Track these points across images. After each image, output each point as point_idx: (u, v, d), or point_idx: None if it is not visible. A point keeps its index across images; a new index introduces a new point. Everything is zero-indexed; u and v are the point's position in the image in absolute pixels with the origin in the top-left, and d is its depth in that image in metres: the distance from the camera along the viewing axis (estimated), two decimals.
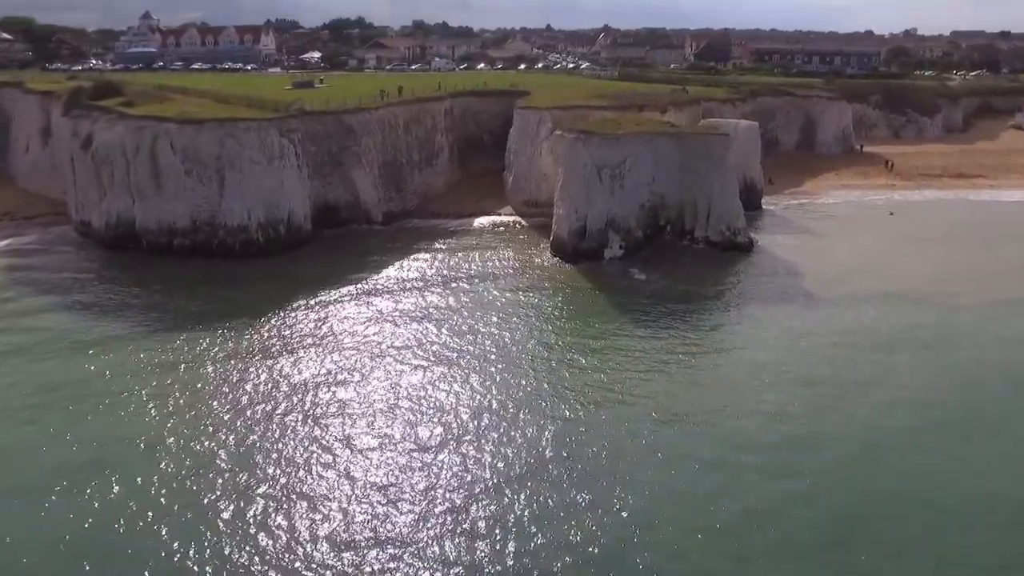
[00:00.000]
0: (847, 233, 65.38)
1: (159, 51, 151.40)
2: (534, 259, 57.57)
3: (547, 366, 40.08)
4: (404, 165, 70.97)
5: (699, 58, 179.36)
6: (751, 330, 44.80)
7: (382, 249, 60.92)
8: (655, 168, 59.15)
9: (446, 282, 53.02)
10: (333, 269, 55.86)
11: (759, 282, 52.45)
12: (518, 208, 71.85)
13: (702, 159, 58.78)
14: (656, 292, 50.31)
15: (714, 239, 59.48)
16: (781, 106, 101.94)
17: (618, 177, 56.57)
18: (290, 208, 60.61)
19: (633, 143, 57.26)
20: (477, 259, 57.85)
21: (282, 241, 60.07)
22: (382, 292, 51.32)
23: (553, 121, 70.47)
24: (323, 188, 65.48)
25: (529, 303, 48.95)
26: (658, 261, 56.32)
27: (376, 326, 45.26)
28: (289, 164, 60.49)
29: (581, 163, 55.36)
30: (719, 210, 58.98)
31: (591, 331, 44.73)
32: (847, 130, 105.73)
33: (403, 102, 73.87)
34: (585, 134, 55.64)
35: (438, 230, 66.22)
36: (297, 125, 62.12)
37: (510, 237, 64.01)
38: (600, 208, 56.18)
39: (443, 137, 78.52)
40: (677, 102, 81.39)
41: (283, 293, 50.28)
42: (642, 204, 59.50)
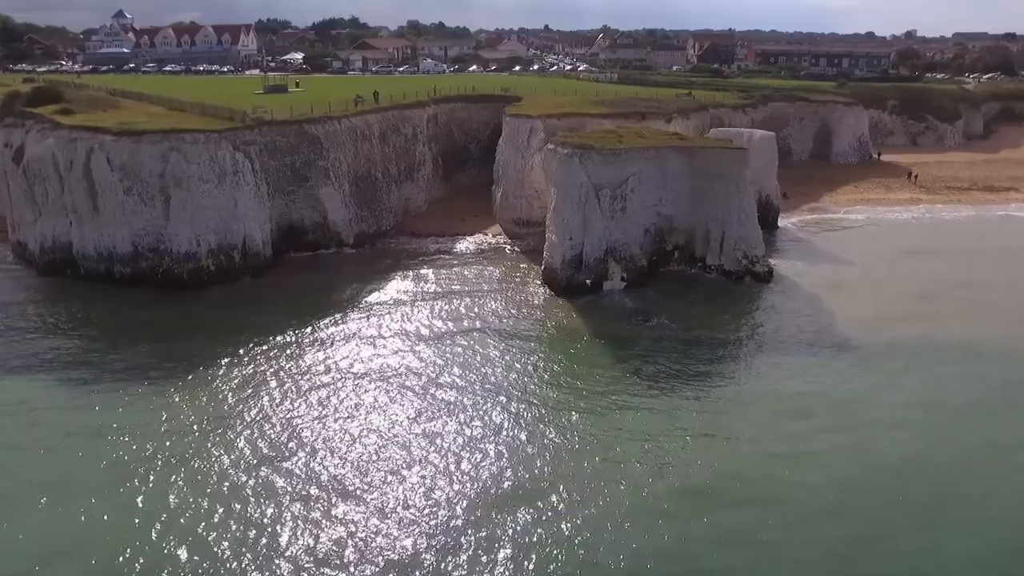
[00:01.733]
0: (877, 259, 57.90)
1: (132, 52, 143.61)
2: (523, 292, 50.10)
3: (534, 436, 32.98)
4: (379, 180, 63.48)
5: (702, 60, 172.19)
6: (773, 387, 37.49)
7: (350, 278, 53.43)
8: (662, 187, 51.73)
9: (420, 323, 45.56)
10: (292, 303, 48.56)
11: (781, 324, 44.95)
12: (507, 228, 64.42)
13: (716, 177, 51.37)
14: (662, 337, 42.86)
15: (729, 268, 52.08)
16: (794, 112, 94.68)
17: (619, 199, 49.14)
18: (245, 232, 53.12)
19: (637, 159, 49.83)
20: (457, 291, 50.38)
21: (237, 269, 52.63)
22: (343, 336, 43.82)
23: (546, 130, 63.10)
24: (286, 208, 58.00)
25: (514, 352, 41.48)
26: (665, 296, 48.91)
27: (327, 387, 37.76)
28: (244, 181, 53.00)
29: (577, 183, 47.94)
30: (735, 235, 51.59)
31: (586, 388, 37.41)
32: (863, 138, 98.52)
33: (379, 109, 66.41)
34: (582, 149, 48.20)
35: (416, 254, 58.69)
36: (254, 137, 54.62)
37: (497, 263, 56.54)
38: (598, 234, 48.76)
39: (425, 148, 71.06)
40: (683, 109, 74.00)
41: (232, 334, 43.18)
42: (647, 228, 52.07)
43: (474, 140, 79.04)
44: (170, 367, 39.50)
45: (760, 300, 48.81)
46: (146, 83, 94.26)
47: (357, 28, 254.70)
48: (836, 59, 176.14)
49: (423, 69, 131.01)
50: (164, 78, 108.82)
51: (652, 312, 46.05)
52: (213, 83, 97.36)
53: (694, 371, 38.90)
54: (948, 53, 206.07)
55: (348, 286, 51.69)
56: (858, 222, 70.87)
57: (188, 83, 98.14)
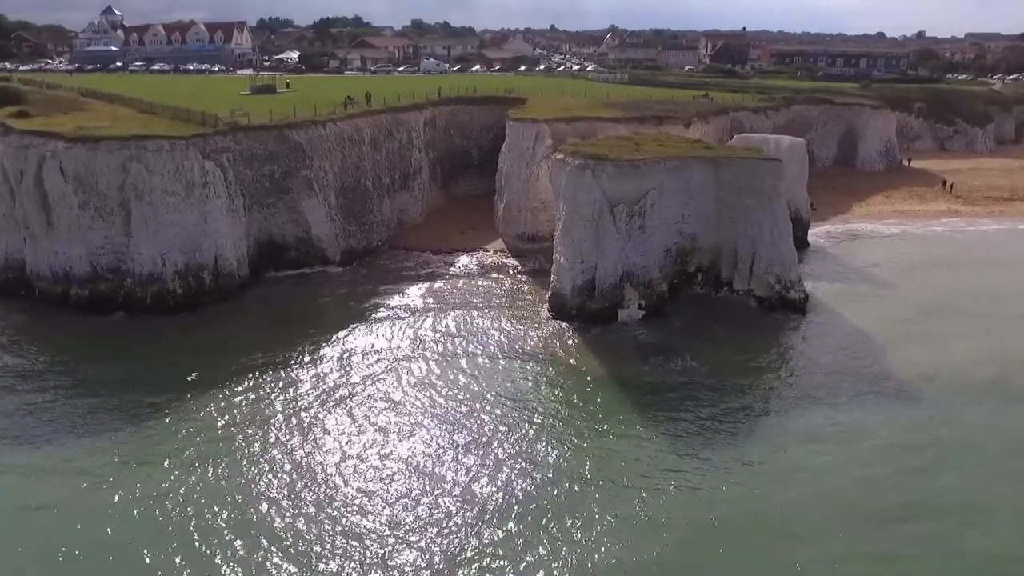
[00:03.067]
0: (923, 282, 51.86)
1: (120, 50, 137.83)
2: (528, 321, 44.23)
3: (535, 500, 27.45)
4: (370, 190, 57.71)
5: (714, 60, 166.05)
6: (813, 448, 31.72)
7: (334, 303, 47.82)
8: (685, 203, 45.88)
9: (408, 357, 39.85)
10: (267, 332, 43.13)
11: (821, 365, 38.88)
12: (511, 243, 58.61)
13: (746, 191, 45.49)
14: (686, 384, 36.72)
15: (760, 293, 46.20)
16: (818, 116, 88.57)
17: (638, 216, 43.29)
18: (217, 250, 47.44)
19: (657, 171, 43.97)
20: (453, 319, 44.59)
21: (207, 292, 47.02)
22: (322, 373, 38.24)
23: (553, 136, 57.30)
24: (265, 222, 52.31)
25: (515, 395, 35.71)
26: (688, 328, 43.02)
27: (303, 428, 32.64)
28: (215, 194, 47.31)
29: (589, 198, 42.09)
30: (767, 256, 45.69)
31: (596, 444, 31.83)
32: (891, 143, 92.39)
33: (372, 112, 60.64)
34: (595, 160, 42.31)
35: (409, 274, 52.87)
36: (228, 144, 48.91)
37: (499, 286, 50.67)
38: (614, 257, 42.91)
39: (421, 154, 65.26)
40: (703, 113, 68.08)
41: (200, 369, 38.03)
42: (667, 249, 46.22)
43: (475, 145, 73.25)
44: (129, 407, 34.61)
45: (797, 336, 42.81)
46: (128, 83, 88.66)
47: (360, 27, 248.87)
48: (853, 59, 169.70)
49: (424, 69, 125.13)
50: (150, 78, 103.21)
51: (673, 349, 40.14)
52: (199, 83, 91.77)
53: (725, 432, 32.80)
54: (968, 53, 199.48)
55: (331, 313, 46.21)
56: (893, 236, 64.89)
57: (173, 83, 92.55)
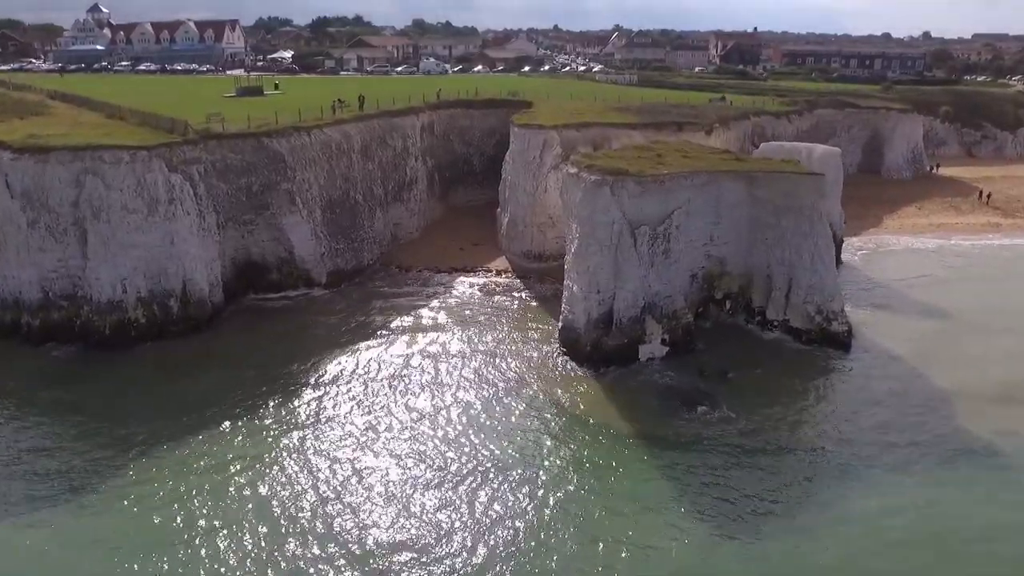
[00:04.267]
0: (972, 306, 46.25)
1: (107, 49, 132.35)
2: (534, 360, 38.81)
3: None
4: (360, 204, 52.34)
5: (724, 61, 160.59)
6: (884, 538, 26.40)
7: (318, 333, 42.49)
8: (714, 223, 40.53)
9: (392, 403, 34.54)
10: (239, 369, 38.01)
11: (877, 422, 33.32)
12: (515, 262, 53.25)
13: (784, 210, 40.09)
14: (718, 441, 31.41)
15: (797, 324, 40.81)
16: (843, 120, 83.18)
17: (662, 239, 37.90)
18: (185, 274, 42.13)
19: (684, 188, 38.56)
20: (447, 358, 39.22)
21: (174, 321, 41.78)
22: (299, 417, 32.98)
23: (563, 144, 51.98)
24: (242, 240, 46.99)
25: (516, 460, 30.34)
26: (717, 368, 37.52)
27: (282, 483, 27.72)
28: (183, 211, 41.99)
29: (607, 220, 36.68)
30: (806, 283, 40.27)
31: (614, 529, 26.42)
32: (918, 149, 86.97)
33: (363, 117, 55.29)
34: (614, 175, 36.85)
35: (402, 299, 47.46)
36: (199, 154, 43.56)
37: (502, 315, 45.27)
38: (635, 285, 37.50)
39: (418, 162, 59.92)
40: (723, 118, 62.66)
41: (163, 416, 33.04)
42: (693, 275, 40.89)
43: (477, 152, 68.00)
44: (81, 459, 29.89)
45: (843, 380, 37.28)
46: (108, 84, 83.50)
47: (360, 26, 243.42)
48: (868, 60, 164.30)
49: (423, 69, 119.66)
50: (134, 78, 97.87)
51: (704, 396, 34.67)
52: (184, 84, 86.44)
53: (774, 515, 27.38)
54: (985, 54, 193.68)
55: (313, 346, 40.84)
56: (931, 252, 59.51)
57: (157, 84, 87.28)
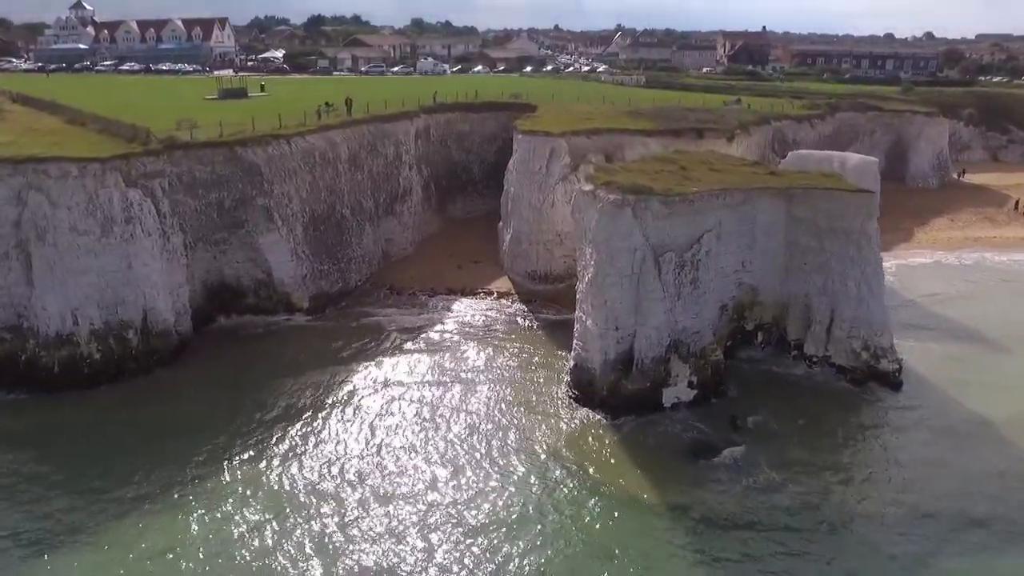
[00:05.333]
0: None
1: (90, 48, 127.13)
2: (541, 403, 33.85)
3: None
4: (347, 219, 47.34)
5: (732, 61, 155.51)
6: None
7: (298, 366, 37.60)
8: (748, 247, 35.59)
9: (380, 457, 29.59)
10: (208, 410, 33.35)
11: (948, 482, 28.56)
12: (519, 283, 48.30)
13: (828, 232, 35.14)
14: (760, 514, 26.51)
15: (840, 362, 35.88)
16: (865, 124, 78.20)
17: (690, 267, 32.89)
18: (146, 303, 37.14)
19: (715, 207, 33.55)
20: (442, 400, 34.28)
21: (134, 356, 36.86)
22: (274, 471, 28.02)
23: (571, 153, 47.07)
24: (215, 261, 42.05)
25: (515, 535, 25.39)
26: (753, 414, 32.60)
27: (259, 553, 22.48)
28: (143, 231, 36.96)
29: (629, 246, 31.68)
30: (851, 316, 35.33)
31: None
32: (943, 155, 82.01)
33: (351, 123, 50.29)
34: (636, 194, 31.81)
35: (392, 326, 42.49)
36: (162, 167, 38.54)
37: (502, 345, 40.33)
38: (659, 321, 32.50)
39: (412, 172, 54.93)
40: (745, 124, 57.65)
41: (112, 465, 28.52)
42: (723, 305, 35.91)
43: (477, 159, 63.09)
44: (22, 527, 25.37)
45: (900, 429, 32.30)
46: (85, 85, 78.58)
47: (358, 25, 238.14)
48: (880, 60, 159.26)
49: (420, 70, 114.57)
50: (115, 79, 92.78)
51: (740, 453, 29.73)
52: (165, 85, 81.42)
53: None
54: (998, 55, 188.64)
55: (292, 383, 36.02)
56: (972, 270, 54.57)
57: (137, 85, 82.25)
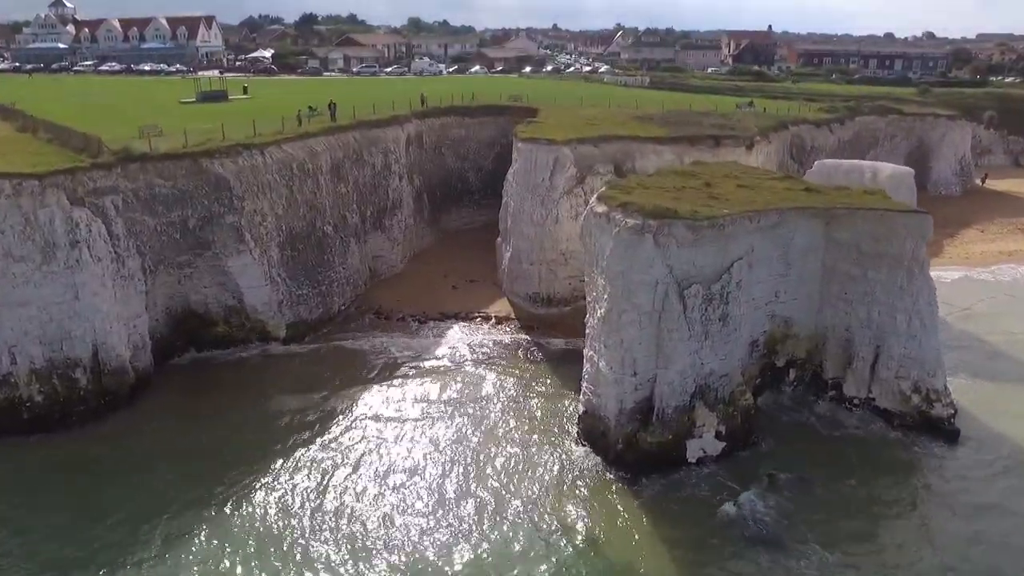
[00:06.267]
0: None
1: (69, 47, 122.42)
2: (545, 457, 29.34)
3: None
4: (329, 236, 42.82)
5: (737, 60, 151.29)
6: None
7: (269, 406, 33.17)
8: (782, 274, 31.14)
9: (360, 516, 25.07)
10: (167, 465, 28.79)
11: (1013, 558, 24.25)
12: (519, 306, 43.86)
13: (873, 258, 30.69)
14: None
15: (886, 405, 31.46)
16: (885, 129, 73.88)
17: (718, 301, 28.39)
18: (96, 337, 32.62)
19: (748, 232, 29.06)
20: (432, 452, 29.80)
21: (83, 398, 32.38)
22: (244, 538, 23.40)
23: (577, 163, 42.69)
24: (179, 286, 37.52)
25: None
26: (790, 469, 28.16)
27: None
28: (92, 256, 32.43)
29: (650, 279, 27.18)
30: (900, 353, 30.89)
31: None
32: (965, 160, 77.74)
33: (335, 129, 45.80)
34: (658, 218, 27.30)
35: (378, 358, 38.00)
36: (115, 182, 34.00)
37: (504, 377, 35.87)
38: (683, 365, 28.02)
39: (403, 182, 50.44)
40: (764, 130, 53.24)
41: (56, 530, 23.92)
42: (754, 341, 31.45)
43: (473, 167, 58.74)
44: None
45: (960, 487, 27.87)
46: (56, 88, 74.08)
47: (354, 24, 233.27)
48: (888, 60, 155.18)
49: (415, 70, 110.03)
50: (93, 80, 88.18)
51: (781, 520, 25.28)
52: (143, 87, 76.91)
53: None
54: (1008, 55, 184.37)
55: (264, 428, 31.52)
56: (1012, 286, 50.21)
57: (116, 86, 77.80)
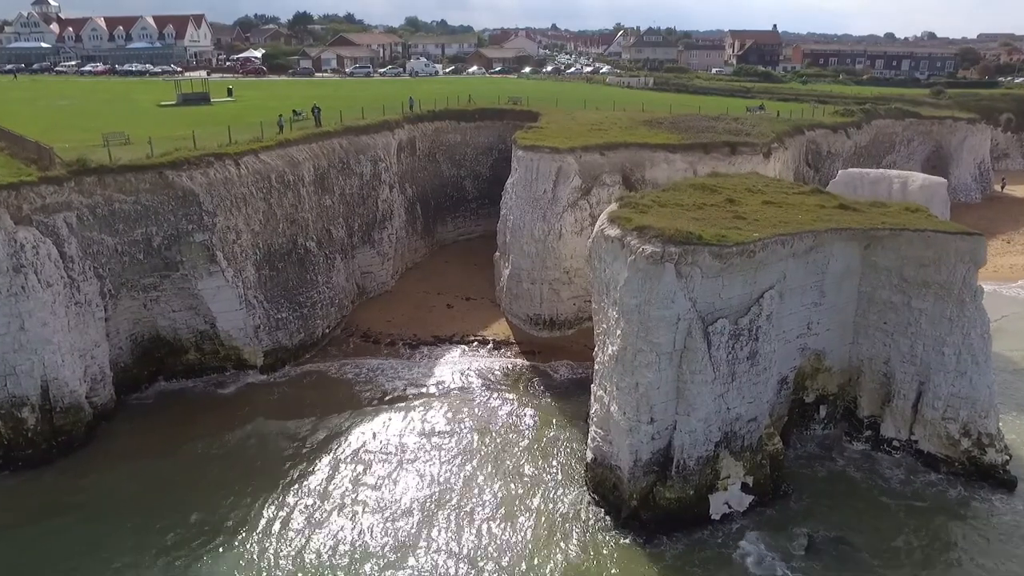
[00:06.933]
0: None
1: (53, 47, 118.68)
2: (549, 511, 25.85)
3: None
4: (312, 253, 39.28)
5: (741, 61, 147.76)
6: None
7: (244, 444, 29.74)
8: (815, 303, 27.64)
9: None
10: (129, 516, 25.53)
11: None
12: (519, 328, 40.39)
13: (919, 285, 27.21)
14: None
15: (930, 448, 28.05)
16: (902, 133, 70.38)
17: (746, 337, 24.88)
18: (45, 372, 29.11)
19: (780, 258, 25.53)
20: (418, 506, 26.30)
21: (31, 441, 28.93)
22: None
23: (582, 173, 39.24)
24: (145, 311, 33.98)
25: None
26: (830, 528, 24.71)
27: None
28: (41, 281, 28.90)
29: (671, 315, 23.66)
30: (948, 391, 27.41)
31: None
32: (984, 165, 74.30)
33: (319, 136, 42.24)
34: (679, 245, 23.76)
35: (364, 389, 34.52)
36: (67, 198, 30.45)
37: (501, 411, 32.40)
38: (708, 411, 24.52)
39: (394, 192, 46.90)
40: (780, 136, 49.73)
41: None
42: (783, 378, 27.97)
43: (470, 174, 55.29)
44: None
45: (1005, 541, 24.50)
46: (30, 89, 70.51)
47: (350, 24, 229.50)
48: (895, 61, 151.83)
49: (410, 70, 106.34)
50: (74, 82, 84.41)
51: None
52: (123, 89, 73.31)
53: None
54: (1017, 55, 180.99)
55: (237, 472, 28.03)
56: None
57: (90, 89, 74.12)
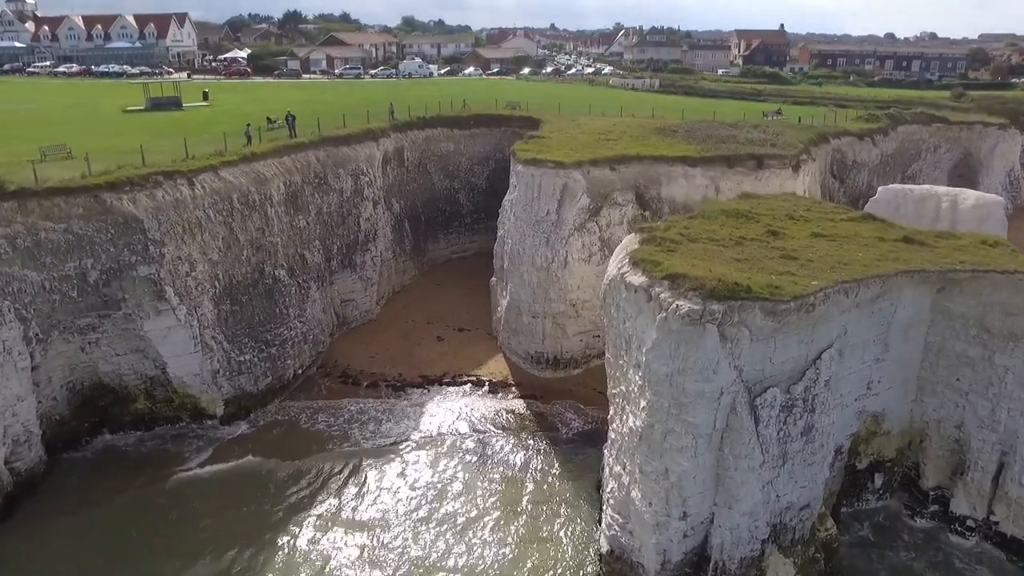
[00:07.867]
0: None
1: (27, 47, 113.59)
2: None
3: None
4: (282, 283, 34.40)
5: (748, 61, 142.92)
6: None
7: (196, 513, 24.79)
8: (877, 359, 22.86)
9: None
10: None
11: None
12: (517, 366, 35.60)
13: (1003, 336, 22.42)
14: None
15: (1013, 532, 23.31)
16: (928, 140, 65.69)
17: (801, 408, 20.07)
18: None
19: (842, 309, 20.71)
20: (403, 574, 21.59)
21: None
22: None
23: (590, 191, 34.50)
24: (83, 355, 29.13)
25: None
26: None
27: None
28: None
29: (713, 387, 18.80)
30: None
31: None
32: (1014, 174, 69.72)
33: (292, 148, 37.35)
34: (723, 301, 18.89)
35: (344, 443, 29.70)
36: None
37: (498, 475, 27.61)
38: (753, 501, 19.72)
39: (378, 209, 42.04)
40: (807, 145, 44.92)
41: None
42: (839, 448, 23.18)
43: (464, 186, 50.55)
44: None
45: None
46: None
47: (345, 23, 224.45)
48: (905, 61, 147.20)
49: (403, 71, 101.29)
50: (44, 84, 79.38)
51: None
52: (92, 91, 68.47)
53: None
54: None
55: (179, 539, 23.21)
56: None
57: (57, 91, 69.35)
